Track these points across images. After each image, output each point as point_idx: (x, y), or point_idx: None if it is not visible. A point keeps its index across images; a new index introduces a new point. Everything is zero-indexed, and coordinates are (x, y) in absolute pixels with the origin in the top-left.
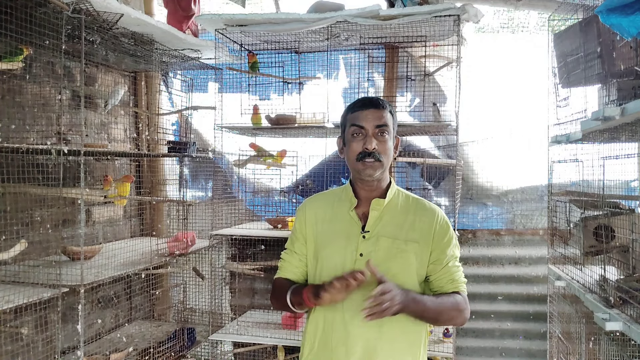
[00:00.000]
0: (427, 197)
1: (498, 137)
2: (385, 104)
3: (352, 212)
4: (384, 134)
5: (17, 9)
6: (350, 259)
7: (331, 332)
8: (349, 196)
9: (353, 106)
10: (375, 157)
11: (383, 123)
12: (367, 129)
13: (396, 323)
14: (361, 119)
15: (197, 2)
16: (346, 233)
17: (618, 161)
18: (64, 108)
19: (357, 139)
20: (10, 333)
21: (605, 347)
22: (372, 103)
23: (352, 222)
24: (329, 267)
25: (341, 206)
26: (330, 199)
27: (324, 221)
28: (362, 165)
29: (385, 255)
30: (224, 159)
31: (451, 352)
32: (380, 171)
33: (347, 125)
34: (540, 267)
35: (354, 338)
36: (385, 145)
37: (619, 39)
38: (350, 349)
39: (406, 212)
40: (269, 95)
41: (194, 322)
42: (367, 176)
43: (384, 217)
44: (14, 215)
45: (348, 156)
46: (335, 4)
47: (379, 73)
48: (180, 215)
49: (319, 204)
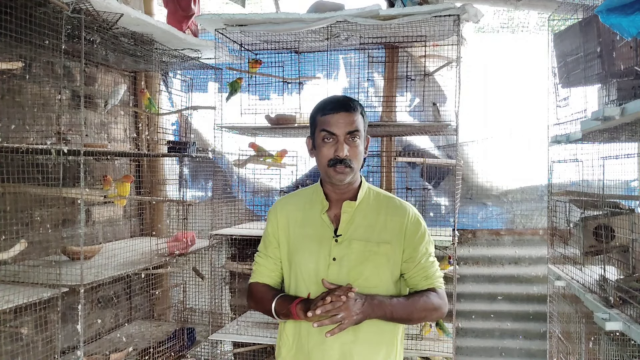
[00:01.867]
0: (427, 197)
1: (498, 137)
2: (357, 106)
3: (324, 215)
4: (355, 138)
5: (17, 9)
6: (323, 263)
7: (307, 335)
8: (319, 199)
9: (323, 108)
10: (347, 164)
11: (354, 129)
12: (338, 135)
13: (372, 325)
14: (332, 124)
15: (197, 2)
16: (318, 237)
17: (618, 161)
18: (64, 108)
19: (327, 145)
20: (10, 333)
21: (605, 347)
22: (344, 106)
23: (324, 225)
24: (302, 272)
25: (312, 209)
26: (301, 200)
27: (295, 224)
28: (333, 171)
29: (357, 258)
30: (224, 159)
31: (451, 352)
32: (350, 176)
33: (317, 128)
34: (540, 267)
35: (330, 342)
36: (356, 150)
37: (619, 38)
38: (326, 352)
39: (377, 212)
40: (269, 95)
41: (194, 322)
42: (338, 181)
43: (356, 220)
44: (13, 215)
45: (319, 160)
46: (335, 4)
47: (379, 73)
48: (180, 215)
49: (291, 207)
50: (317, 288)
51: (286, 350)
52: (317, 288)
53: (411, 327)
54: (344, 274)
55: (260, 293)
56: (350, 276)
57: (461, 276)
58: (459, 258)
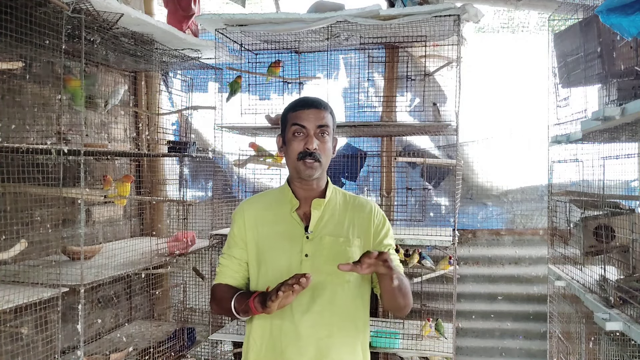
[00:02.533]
0: (427, 197)
1: (498, 137)
2: (327, 105)
3: (294, 213)
4: (324, 134)
5: (17, 9)
6: (295, 260)
7: (280, 334)
8: (288, 197)
9: (295, 105)
10: (316, 158)
11: (324, 123)
12: (308, 129)
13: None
14: (303, 118)
15: (197, 2)
16: (289, 235)
17: (618, 161)
18: (64, 108)
19: (298, 138)
20: (10, 333)
21: (605, 347)
22: (314, 103)
23: (295, 223)
24: (274, 269)
25: (281, 208)
26: (268, 200)
27: (264, 224)
28: (302, 164)
29: (329, 253)
30: (224, 159)
31: (451, 352)
32: (319, 171)
33: (288, 124)
34: (540, 267)
35: (305, 338)
36: (325, 145)
37: (619, 38)
38: (302, 349)
39: (345, 209)
40: (269, 95)
41: (194, 322)
42: (307, 176)
43: (325, 216)
44: (14, 215)
45: (288, 155)
46: (335, 4)
47: (379, 73)
48: (180, 215)
49: (258, 207)
50: None
51: (255, 353)
52: None
53: (411, 327)
54: (317, 270)
55: (221, 293)
56: (323, 272)
57: (461, 276)
58: (459, 258)
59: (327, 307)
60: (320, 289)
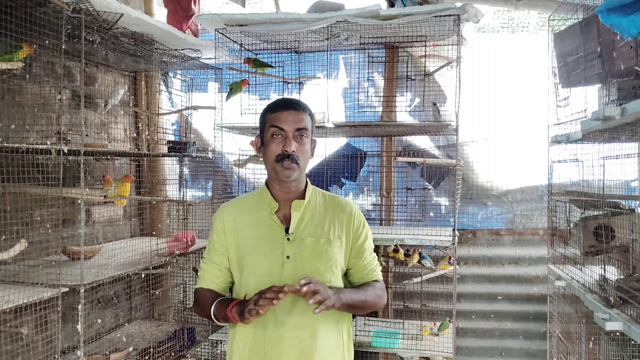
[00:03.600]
0: (427, 197)
1: (498, 137)
2: (306, 107)
3: (274, 215)
4: (302, 136)
5: (17, 9)
6: (277, 262)
7: (263, 337)
8: (267, 200)
9: (274, 107)
10: (294, 159)
11: (303, 126)
12: (287, 131)
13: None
14: (282, 120)
15: (197, 2)
16: (270, 237)
17: (618, 161)
18: (64, 108)
19: (276, 140)
20: (10, 333)
21: (605, 347)
22: (293, 105)
23: (275, 225)
24: (255, 272)
25: (261, 211)
26: (247, 204)
27: (244, 227)
28: (280, 167)
29: (311, 255)
30: (224, 159)
31: (451, 352)
32: (297, 173)
33: (267, 125)
34: (540, 267)
35: (288, 341)
36: (303, 147)
37: (619, 38)
38: (285, 351)
39: (325, 209)
40: (269, 95)
41: (194, 322)
42: (285, 177)
43: (306, 218)
44: (13, 215)
45: (266, 157)
46: (335, 4)
47: (379, 73)
48: (180, 215)
49: (237, 211)
50: None
51: (238, 356)
52: None
53: (411, 327)
54: (299, 271)
55: (202, 298)
56: (306, 272)
57: (461, 276)
58: (459, 258)
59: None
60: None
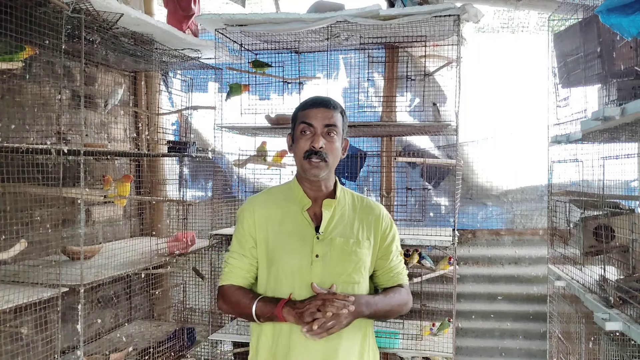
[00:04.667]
0: (427, 197)
1: (498, 137)
2: (337, 105)
3: (305, 212)
4: (331, 133)
5: (17, 9)
6: (306, 260)
7: (289, 332)
8: (298, 196)
9: (305, 104)
10: (322, 157)
11: (332, 123)
12: (315, 127)
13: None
14: (311, 117)
15: (197, 2)
16: (300, 234)
17: (618, 161)
18: (64, 108)
19: (305, 137)
20: (10, 333)
21: (605, 347)
22: (323, 102)
23: (305, 223)
24: (284, 269)
25: (291, 206)
26: (276, 198)
27: (274, 222)
28: (308, 164)
29: (340, 255)
30: (224, 159)
31: (451, 352)
32: (325, 171)
33: (297, 122)
34: (540, 267)
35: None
36: (332, 145)
37: (619, 39)
38: (310, 349)
39: (354, 210)
40: (269, 95)
41: (194, 322)
42: (313, 176)
43: (336, 217)
44: (13, 215)
45: (296, 153)
46: (335, 4)
47: (379, 73)
48: (180, 215)
49: (267, 204)
50: (300, 285)
51: (265, 351)
52: (300, 285)
53: (411, 327)
54: (328, 271)
55: (235, 296)
56: (335, 273)
57: (461, 276)
58: (459, 258)
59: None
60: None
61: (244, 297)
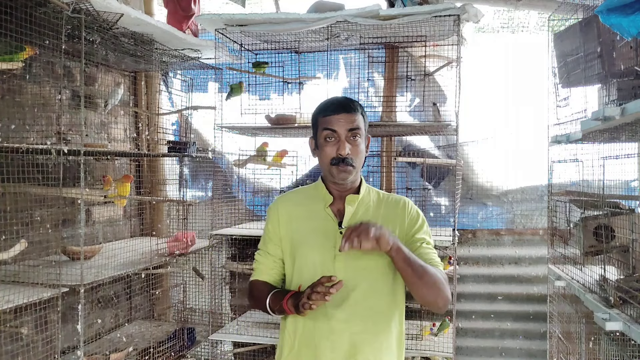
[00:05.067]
0: (427, 197)
1: (498, 137)
2: (357, 106)
3: (328, 209)
4: (356, 137)
5: (17, 9)
6: (329, 255)
7: (313, 328)
8: (322, 194)
9: (325, 109)
10: (349, 163)
11: (355, 126)
12: (339, 134)
13: (380, 316)
14: (333, 123)
15: (197, 2)
16: (323, 230)
17: (618, 161)
18: (64, 108)
19: (330, 144)
20: (10, 333)
21: (605, 347)
22: (344, 106)
23: (328, 218)
24: (307, 264)
25: (315, 203)
26: (302, 196)
27: (298, 219)
28: (336, 170)
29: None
30: (224, 159)
31: (451, 352)
32: (353, 174)
33: (319, 128)
34: (540, 267)
35: (339, 332)
36: (357, 148)
37: (619, 39)
38: (335, 343)
39: (378, 206)
40: (269, 95)
41: (194, 322)
42: (341, 180)
43: (359, 212)
44: (14, 215)
45: (321, 159)
46: (335, 4)
47: (379, 73)
48: (180, 215)
49: (292, 202)
50: None
51: (288, 349)
52: None
53: (411, 327)
54: (351, 266)
55: (257, 291)
56: (358, 267)
57: (461, 276)
58: (459, 258)
59: (360, 302)
60: (354, 284)
61: (263, 291)
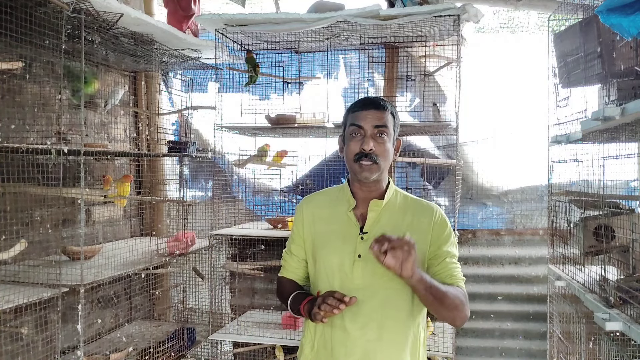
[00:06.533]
0: (427, 197)
1: (498, 137)
2: (387, 105)
3: (350, 212)
4: (382, 135)
5: (17, 9)
6: (348, 260)
7: (331, 332)
8: (346, 197)
9: (354, 106)
10: (372, 159)
11: (382, 124)
12: (365, 129)
13: (397, 325)
14: (360, 118)
15: (197, 2)
16: (344, 234)
17: (618, 161)
18: (64, 108)
19: (355, 139)
20: (10, 333)
21: (605, 347)
22: (373, 103)
23: (350, 223)
24: (326, 267)
25: (339, 206)
26: (327, 198)
27: (321, 221)
28: (358, 167)
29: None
30: (224, 159)
31: (451, 352)
32: (377, 173)
33: (347, 124)
34: (540, 267)
35: (354, 339)
36: (383, 146)
37: (619, 39)
38: (349, 349)
39: (404, 212)
40: (269, 95)
41: (194, 322)
42: (364, 178)
43: (382, 218)
44: (14, 215)
45: (346, 156)
46: (335, 4)
47: (379, 73)
48: (180, 215)
49: (317, 204)
50: (340, 284)
51: (309, 347)
52: (340, 284)
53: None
54: (369, 271)
55: (282, 288)
56: (376, 274)
57: None
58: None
59: (378, 310)
60: (372, 291)
61: (287, 290)
